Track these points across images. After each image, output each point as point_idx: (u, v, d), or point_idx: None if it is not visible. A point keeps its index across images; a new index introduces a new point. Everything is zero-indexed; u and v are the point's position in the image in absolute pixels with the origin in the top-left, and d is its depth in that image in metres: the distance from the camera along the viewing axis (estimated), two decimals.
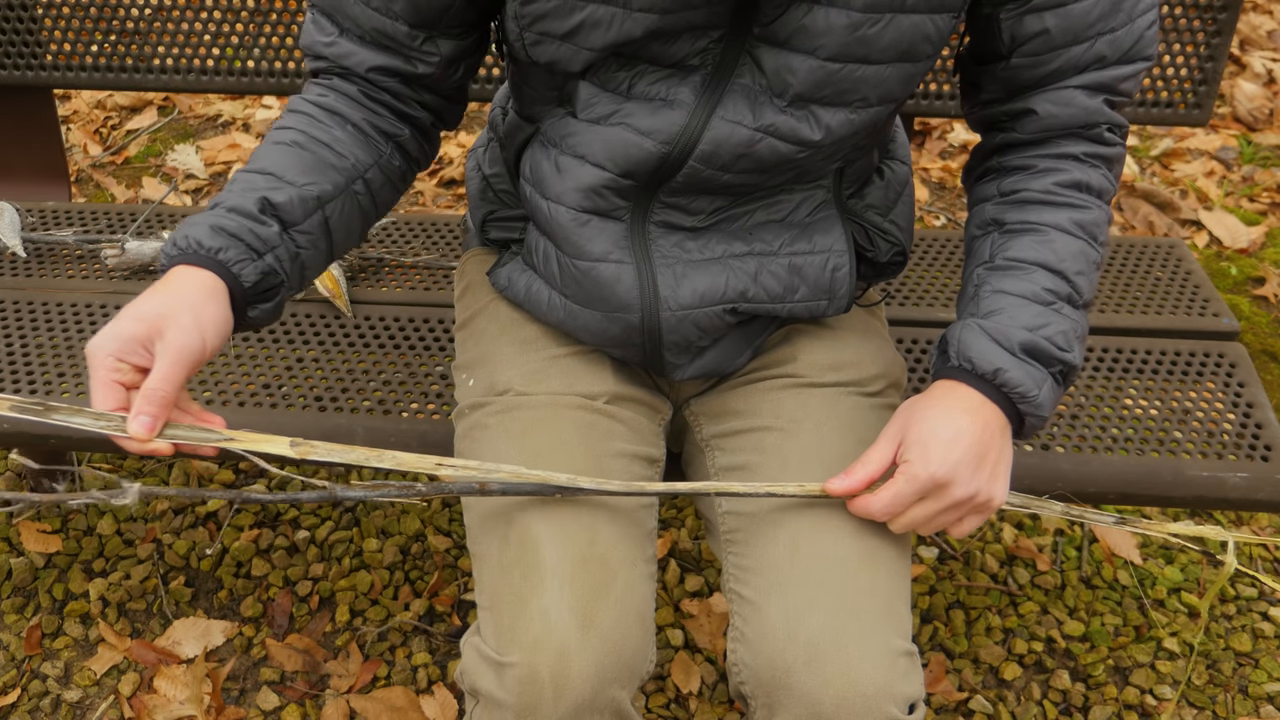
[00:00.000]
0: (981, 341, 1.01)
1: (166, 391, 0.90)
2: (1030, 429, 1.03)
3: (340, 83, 1.09)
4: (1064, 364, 1.02)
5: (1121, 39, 1.02)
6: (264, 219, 1.00)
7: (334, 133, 1.06)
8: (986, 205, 1.10)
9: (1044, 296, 1.02)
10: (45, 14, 1.66)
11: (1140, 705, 1.68)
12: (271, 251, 1.00)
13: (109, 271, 1.61)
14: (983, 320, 1.03)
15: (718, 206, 1.10)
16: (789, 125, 1.01)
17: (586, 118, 1.05)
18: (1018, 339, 1.00)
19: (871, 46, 0.97)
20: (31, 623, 1.75)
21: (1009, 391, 1.00)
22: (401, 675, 1.69)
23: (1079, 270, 1.04)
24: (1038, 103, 1.05)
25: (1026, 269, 1.04)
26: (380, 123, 1.09)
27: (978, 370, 1.01)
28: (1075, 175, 1.06)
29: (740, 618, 1.05)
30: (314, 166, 1.04)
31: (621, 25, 0.97)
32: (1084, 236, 1.05)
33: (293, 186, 1.02)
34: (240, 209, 0.99)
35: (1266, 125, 3.02)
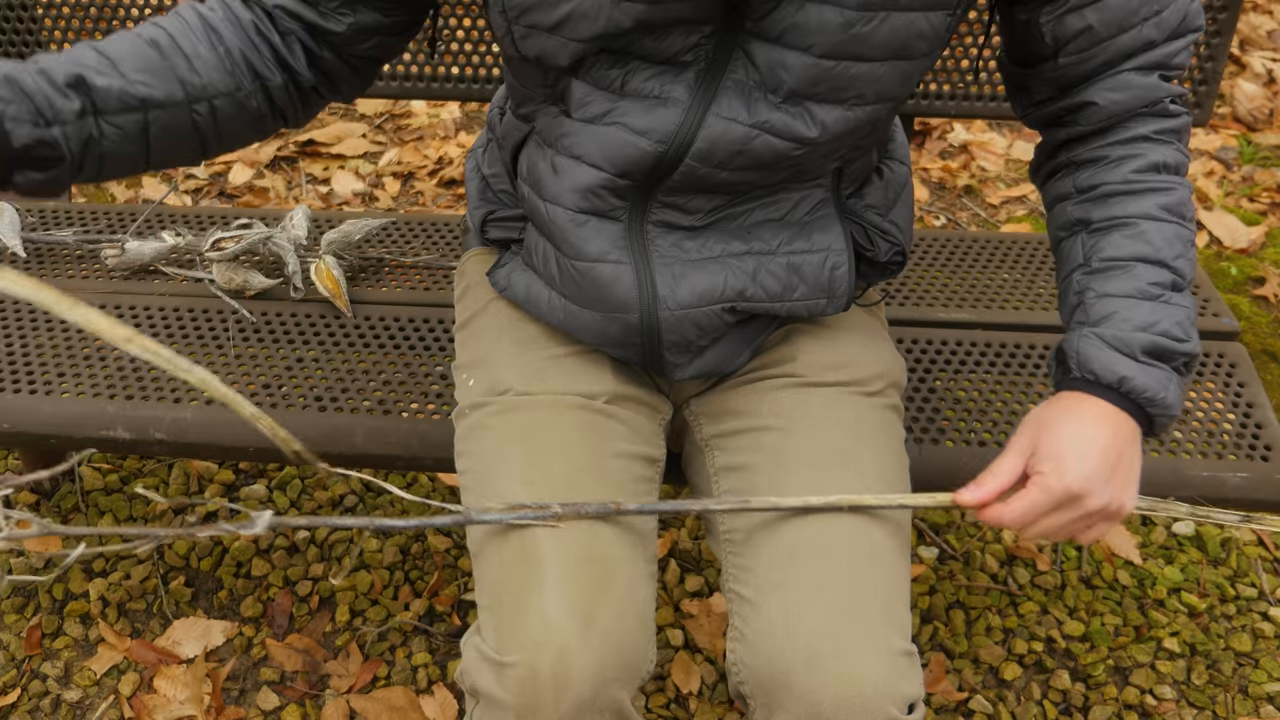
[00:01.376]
0: (1102, 352, 1.01)
1: None
2: (1160, 427, 1.03)
3: (238, 4, 1.04)
4: (1185, 355, 1.01)
5: (1168, 19, 1.02)
6: (67, 92, 0.94)
7: (199, 48, 1.01)
8: (1066, 205, 1.09)
9: (1151, 291, 1.02)
10: (45, 14, 1.66)
11: (1140, 705, 1.68)
12: (60, 125, 0.93)
13: (109, 271, 1.61)
14: (1097, 329, 1.02)
15: (716, 205, 1.09)
16: (784, 122, 1.01)
17: (581, 117, 1.05)
18: (1138, 343, 1.00)
19: (866, 44, 0.97)
20: (31, 623, 1.75)
21: (1137, 398, 1.00)
22: (401, 675, 1.69)
23: (1177, 254, 1.03)
24: (1095, 93, 1.05)
25: (1127, 266, 1.03)
26: (255, 60, 1.04)
27: (1102, 381, 1.00)
28: (1151, 158, 1.05)
29: (740, 617, 1.05)
30: (157, 70, 0.98)
31: (609, 16, 0.96)
32: (1174, 220, 1.04)
33: (122, 78, 0.96)
34: (49, 72, 0.93)
35: (1266, 125, 3.02)
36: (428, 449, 1.34)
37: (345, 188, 2.74)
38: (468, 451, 1.16)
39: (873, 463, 1.10)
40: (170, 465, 2.01)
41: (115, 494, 1.95)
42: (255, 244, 1.56)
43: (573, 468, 1.08)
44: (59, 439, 1.38)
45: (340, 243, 1.59)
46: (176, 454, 1.39)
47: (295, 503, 1.95)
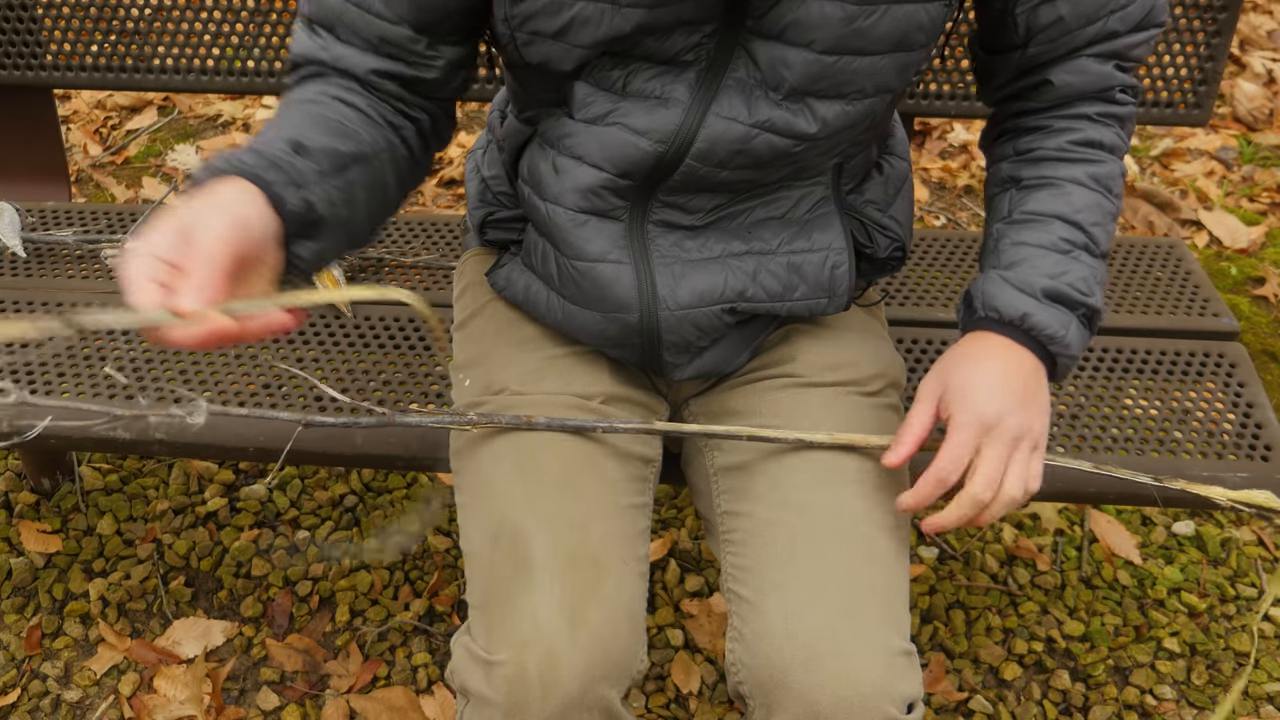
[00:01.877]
0: (1005, 291, 1.04)
1: (208, 257, 0.78)
2: (1063, 369, 1.05)
3: (336, 77, 1.04)
4: (1087, 307, 1.04)
5: (1132, 13, 1.05)
6: (298, 156, 0.93)
7: (344, 111, 1.02)
8: (1003, 164, 1.13)
9: (1062, 245, 1.05)
10: (45, 14, 1.66)
11: (1140, 705, 1.68)
12: (308, 187, 0.92)
13: (109, 271, 1.61)
14: (1004, 271, 1.05)
15: (716, 204, 1.09)
16: (785, 119, 1.01)
17: (583, 118, 1.05)
18: (1040, 285, 1.03)
19: (867, 38, 0.97)
20: (31, 623, 1.75)
21: (1038, 334, 1.02)
22: (401, 675, 1.69)
23: (1095, 221, 1.06)
24: (1053, 74, 1.08)
25: (1044, 220, 1.06)
26: (385, 111, 1.05)
27: (1005, 318, 1.03)
28: (1088, 134, 1.09)
29: (738, 617, 1.05)
30: (335, 131, 0.98)
31: (611, 21, 0.97)
32: (1099, 189, 1.08)
33: (317, 141, 0.96)
34: (269, 145, 0.92)
35: (1266, 125, 3.02)
36: (427, 449, 1.34)
37: None
38: (462, 451, 1.16)
39: (873, 462, 1.10)
40: (170, 465, 2.01)
41: (115, 494, 1.95)
42: None
43: (566, 466, 1.08)
44: (59, 439, 1.38)
45: None
46: (176, 454, 1.39)
47: (295, 502, 1.95)
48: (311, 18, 1.04)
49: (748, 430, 1.10)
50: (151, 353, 1.46)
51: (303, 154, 0.94)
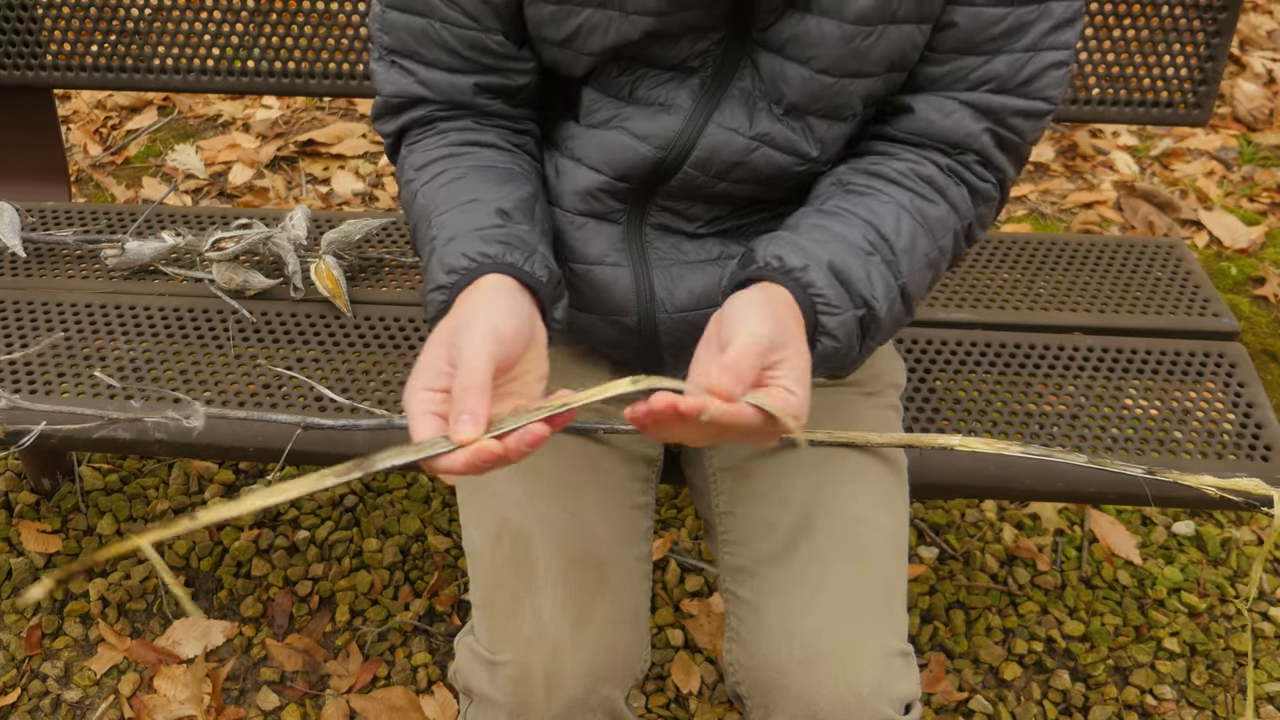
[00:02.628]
0: (790, 248, 0.92)
1: (472, 381, 0.79)
2: (818, 357, 0.90)
3: (448, 124, 1.05)
4: (869, 308, 0.92)
5: (1021, 63, 0.96)
6: (511, 224, 0.94)
7: (484, 154, 1.02)
8: (839, 166, 1.04)
9: (863, 244, 0.94)
10: (45, 14, 1.66)
11: (1140, 705, 1.68)
12: (537, 250, 0.93)
13: (109, 271, 1.61)
14: (793, 234, 0.95)
15: (715, 216, 1.09)
16: (785, 135, 1.01)
17: (587, 123, 1.06)
18: (825, 257, 0.91)
19: (865, 60, 0.96)
20: (31, 623, 1.75)
21: (813, 294, 0.89)
22: (401, 675, 1.69)
23: (906, 248, 0.96)
24: (918, 102, 1.00)
25: (852, 219, 0.96)
26: (508, 136, 1.06)
27: (785, 266, 0.90)
28: (930, 173, 1.00)
29: (736, 618, 1.05)
30: (501, 181, 0.99)
31: (619, 29, 0.97)
32: (922, 223, 0.97)
33: (505, 197, 0.97)
34: (486, 225, 0.93)
35: (1266, 125, 3.02)
36: None
37: (345, 188, 2.74)
38: None
39: (871, 463, 1.10)
40: (170, 465, 2.01)
41: (115, 494, 1.95)
42: (255, 244, 1.56)
43: (568, 466, 1.08)
44: (59, 439, 1.38)
45: (340, 243, 1.59)
46: (176, 454, 1.39)
47: (295, 502, 1.95)
48: (391, 49, 1.03)
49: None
50: (151, 353, 1.46)
51: (511, 220, 0.95)
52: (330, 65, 1.66)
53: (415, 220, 1.01)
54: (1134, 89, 1.60)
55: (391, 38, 1.02)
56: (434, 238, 0.96)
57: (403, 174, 1.05)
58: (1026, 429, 1.38)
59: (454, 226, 0.94)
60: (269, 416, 1.08)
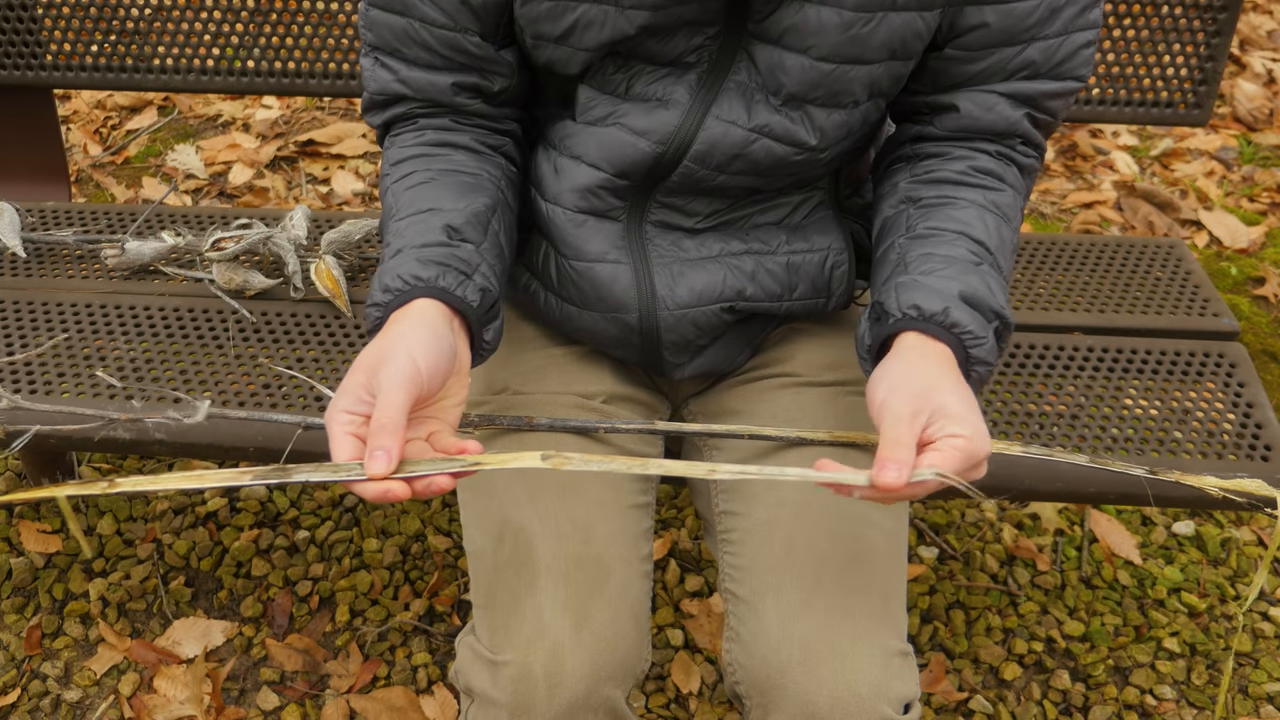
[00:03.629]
0: (920, 292, 0.95)
1: (388, 419, 0.84)
2: (976, 379, 0.96)
3: (428, 120, 1.07)
4: (1001, 318, 0.97)
5: (1054, 48, 1.00)
6: (455, 243, 0.98)
7: (454, 158, 1.05)
8: (900, 184, 1.07)
9: (970, 258, 0.98)
10: (45, 14, 1.66)
11: (1140, 705, 1.68)
12: (477, 270, 0.97)
13: (109, 271, 1.61)
14: (916, 276, 0.97)
15: (715, 209, 1.09)
16: (784, 126, 1.01)
17: (585, 120, 1.06)
18: (955, 289, 0.95)
19: (864, 46, 0.97)
20: (31, 623, 1.75)
21: (959, 331, 0.93)
22: (401, 675, 1.69)
23: (999, 244, 1.01)
24: (961, 99, 1.04)
25: (948, 236, 1.00)
26: (484, 137, 1.08)
27: (925, 313, 0.94)
28: (986, 164, 1.05)
29: (735, 618, 1.05)
30: (461, 191, 1.02)
31: (615, 23, 0.97)
32: (999, 214, 1.03)
33: (458, 211, 1.00)
34: (431, 242, 0.97)
35: (1266, 125, 3.02)
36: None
37: (345, 187, 2.74)
38: None
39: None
40: (170, 465, 2.01)
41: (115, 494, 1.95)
42: (255, 244, 1.56)
43: None
44: (59, 439, 1.38)
45: (340, 243, 1.59)
46: (176, 454, 1.39)
47: (295, 502, 1.95)
48: (375, 46, 1.05)
49: (748, 429, 1.10)
50: (151, 353, 1.46)
51: (458, 236, 0.98)
52: (330, 65, 1.66)
53: (382, 217, 1.05)
54: (1134, 89, 1.60)
55: (375, 35, 1.04)
56: (387, 244, 1.00)
57: (382, 167, 1.09)
58: (1026, 429, 1.38)
59: (403, 238, 0.98)
60: (269, 416, 1.09)
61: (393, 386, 0.86)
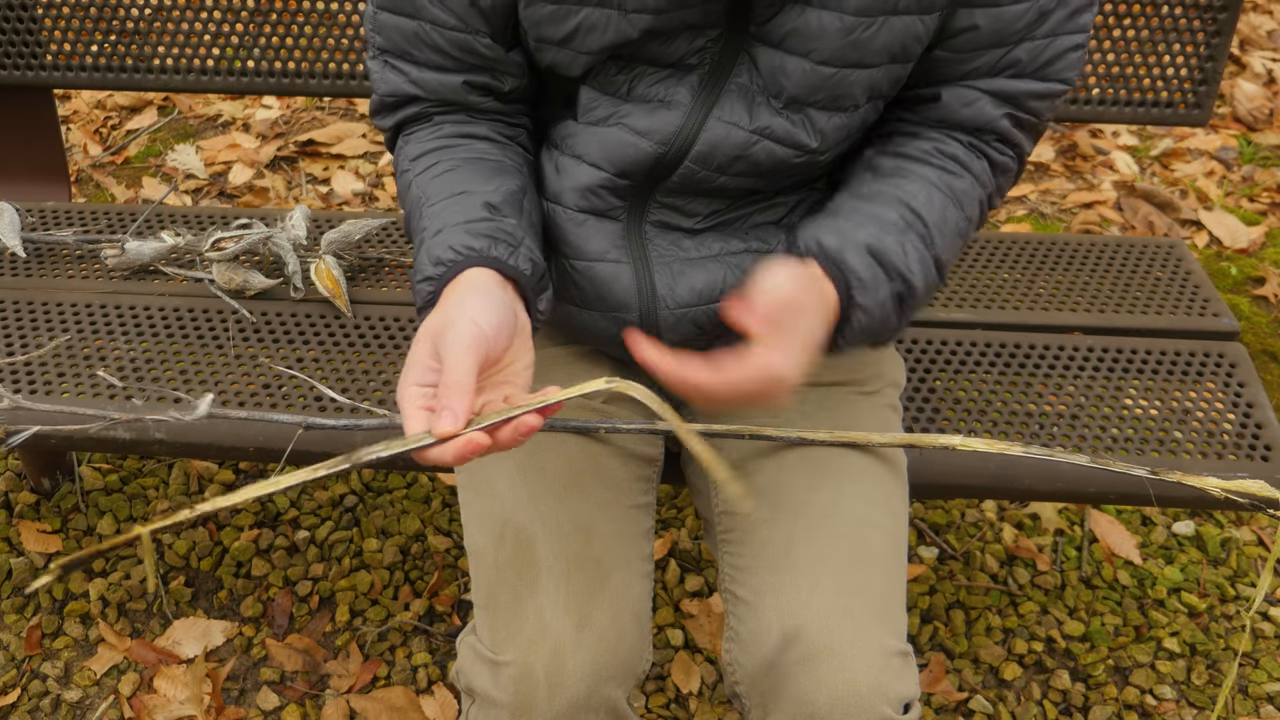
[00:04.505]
0: (829, 232, 0.98)
1: (455, 380, 0.83)
2: (854, 332, 0.98)
3: (443, 116, 1.07)
4: (905, 282, 0.98)
5: (1040, 49, 1.00)
6: (498, 218, 0.98)
7: (476, 146, 1.05)
8: (866, 150, 1.09)
9: (897, 224, 1.00)
10: (45, 14, 1.66)
11: (1140, 705, 1.68)
12: (522, 244, 0.97)
13: (109, 271, 1.61)
14: (830, 218, 1.01)
15: (714, 210, 1.09)
16: (785, 128, 1.02)
17: (586, 120, 1.06)
18: (862, 238, 0.97)
19: (865, 50, 0.97)
20: (31, 623, 1.75)
21: (846, 272, 0.96)
22: (401, 675, 1.69)
23: (938, 221, 1.02)
24: (945, 91, 1.04)
25: (885, 200, 1.02)
26: (501, 129, 1.08)
27: (823, 248, 0.97)
28: (955, 150, 1.05)
29: (735, 617, 1.05)
30: (490, 174, 1.03)
31: (618, 27, 0.97)
32: (950, 196, 1.03)
33: (493, 191, 1.00)
34: (475, 218, 0.97)
35: (1266, 125, 3.02)
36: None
37: (345, 187, 2.74)
38: None
39: (871, 463, 1.10)
40: (170, 465, 2.01)
41: (115, 494, 1.95)
42: (255, 244, 1.56)
43: (570, 466, 1.08)
44: (59, 439, 1.38)
45: (340, 243, 1.60)
46: (176, 454, 1.39)
47: (295, 502, 1.95)
48: (384, 49, 1.05)
49: (749, 429, 1.10)
50: (151, 353, 1.46)
51: (499, 213, 0.98)
52: (330, 65, 1.66)
53: (409, 210, 1.05)
54: (1134, 89, 1.60)
55: (384, 38, 1.04)
56: (424, 229, 0.99)
57: (399, 164, 1.08)
58: (1026, 429, 1.38)
59: (443, 218, 0.98)
60: (270, 416, 1.09)
61: (459, 349, 0.85)
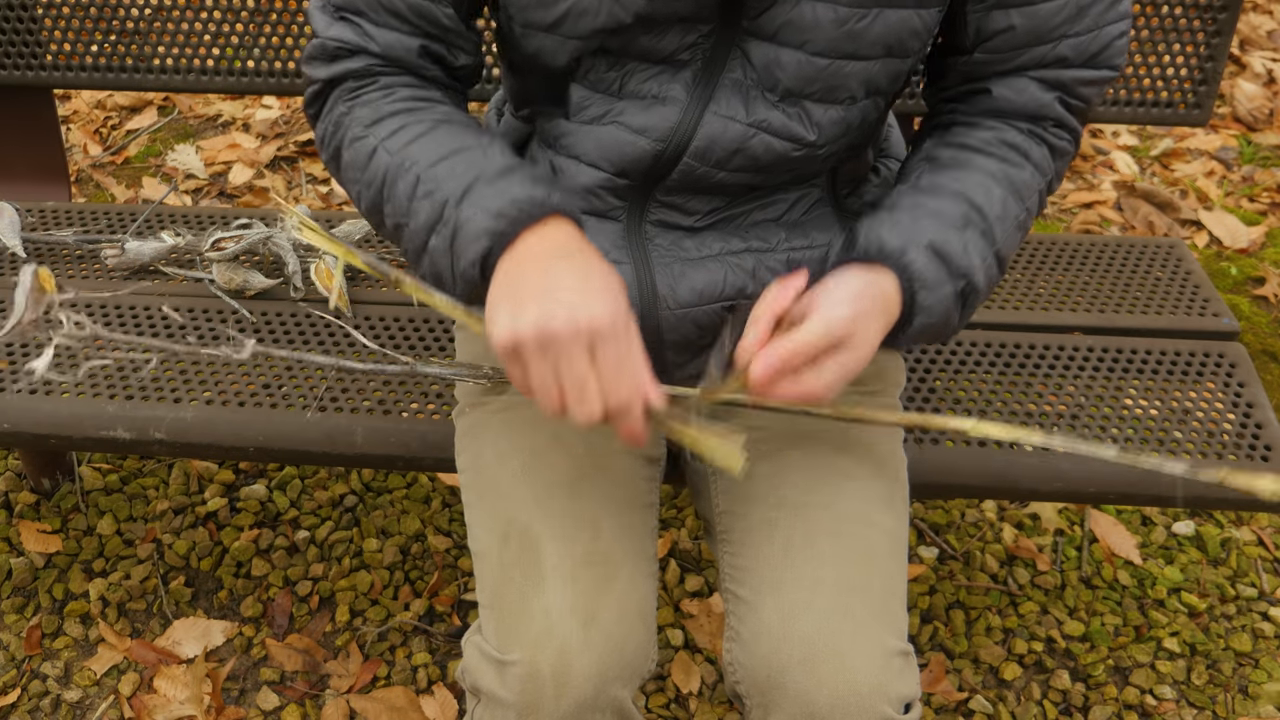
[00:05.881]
0: (891, 230, 0.98)
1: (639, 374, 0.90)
2: (916, 330, 0.98)
3: (392, 79, 1.02)
4: (967, 279, 0.98)
5: (1086, 44, 1.01)
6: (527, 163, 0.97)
7: (442, 108, 1.01)
8: (925, 143, 1.09)
9: (957, 220, 1.00)
10: (45, 14, 1.66)
11: (1140, 705, 1.68)
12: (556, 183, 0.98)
13: (109, 271, 1.61)
14: (895, 214, 1.00)
15: (714, 207, 1.09)
16: (782, 121, 1.01)
17: (580, 120, 1.05)
18: (926, 238, 0.97)
19: (860, 41, 0.97)
20: (31, 623, 1.75)
21: (913, 276, 0.96)
22: (401, 675, 1.69)
23: (999, 215, 1.01)
24: (994, 85, 1.05)
25: (946, 194, 1.01)
26: (454, 97, 1.06)
27: (886, 250, 0.97)
28: (1014, 139, 1.05)
29: (735, 617, 1.05)
30: (475, 131, 0.99)
31: (610, 11, 0.96)
32: (1009, 189, 1.03)
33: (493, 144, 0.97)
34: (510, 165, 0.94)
35: (1266, 125, 3.02)
36: (428, 449, 1.34)
37: None
38: (468, 450, 1.16)
39: (870, 463, 1.10)
40: (170, 465, 2.01)
41: (115, 494, 1.95)
42: (255, 244, 1.56)
43: (572, 465, 1.08)
44: (59, 439, 1.38)
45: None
46: (176, 454, 1.40)
47: (295, 502, 1.95)
48: (340, 6, 1.01)
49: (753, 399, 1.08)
50: (152, 352, 1.46)
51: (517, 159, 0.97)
52: None
53: (380, 176, 0.98)
54: (1134, 89, 1.60)
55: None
56: (426, 192, 0.94)
57: (344, 129, 1.01)
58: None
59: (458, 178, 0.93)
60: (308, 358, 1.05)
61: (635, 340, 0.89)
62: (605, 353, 0.86)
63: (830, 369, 0.92)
